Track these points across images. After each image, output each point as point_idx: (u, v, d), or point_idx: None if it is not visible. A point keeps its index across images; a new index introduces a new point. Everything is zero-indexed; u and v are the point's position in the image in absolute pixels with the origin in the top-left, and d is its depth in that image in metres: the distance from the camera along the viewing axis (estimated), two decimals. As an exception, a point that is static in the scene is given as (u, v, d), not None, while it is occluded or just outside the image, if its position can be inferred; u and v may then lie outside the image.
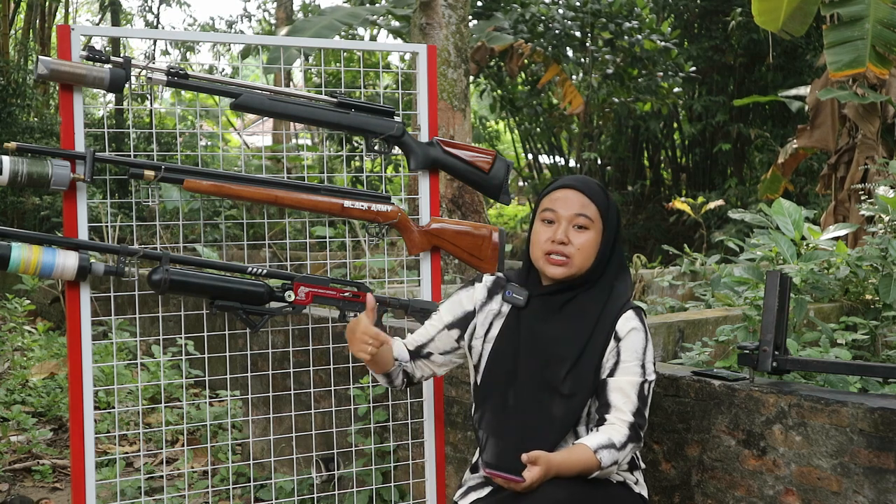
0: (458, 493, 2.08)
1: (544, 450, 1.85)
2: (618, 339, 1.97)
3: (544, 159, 14.09)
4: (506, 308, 2.08)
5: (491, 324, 2.09)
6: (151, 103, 2.77)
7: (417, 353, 2.17)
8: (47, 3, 13.48)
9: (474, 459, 2.09)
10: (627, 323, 1.98)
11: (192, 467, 3.84)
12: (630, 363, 1.95)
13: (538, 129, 13.55)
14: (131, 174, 2.30)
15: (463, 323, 2.13)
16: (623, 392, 1.94)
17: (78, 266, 2.22)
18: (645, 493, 2.03)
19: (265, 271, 2.43)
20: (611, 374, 1.96)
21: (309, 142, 13.79)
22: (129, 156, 2.37)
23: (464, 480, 2.11)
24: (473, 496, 2.01)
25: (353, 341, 1.95)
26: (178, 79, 2.33)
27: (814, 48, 10.70)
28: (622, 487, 1.96)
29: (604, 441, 1.88)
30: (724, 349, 3.27)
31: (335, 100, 2.51)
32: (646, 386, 1.95)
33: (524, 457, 1.83)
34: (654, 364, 2.00)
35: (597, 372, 1.96)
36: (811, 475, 2.06)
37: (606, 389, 1.95)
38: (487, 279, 2.15)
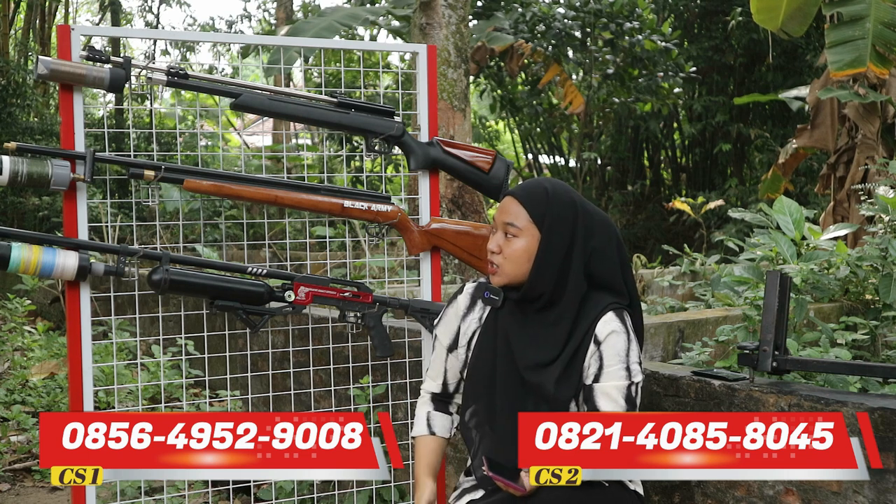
0: (452, 496, 2.07)
1: None
2: (597, 343, 1.94)
3: (544, 159, 14.08)
4: (486, 313, 2.08)
5: (474, 332, 2.09)
6: (151, 103, 2.77)
7: (447, 393, 2.16)
8: (47, 3, 13.47)
9: (468, 463, 2.09)
10: (606, 326, 1.94)
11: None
12: (614, 367, 1.93)
13: (538, 129, 13.54)
14: (131, 174, 2.30)
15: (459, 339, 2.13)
16: (610, 397, 1.92)
17: (78, 266, 2.22)
18: (640, 490, 2.03)
19: (265, 271, 2.43)
20: (596, 380, 1.93)
21: (309, 142, 13.78)
22: (129, 156, 2.37)
23: (458, 483, 2.11)
24: (468, 498, 2.01)
25: None
26: (178, 79, 2.33)
27: (814, 48, 10.70)
28: (617, 486, 1.95)
29: None
30: (724, 349, 3.27)
31: (335, 100, 2.50)
32: (633, 388, 1.93)
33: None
34: (641, 364, 1.97)
35: (579, 374, 1.95)
36: (811, 475, 2.06)
37: (593, 396, 1.93)
38: (469, 287, 2.14)
